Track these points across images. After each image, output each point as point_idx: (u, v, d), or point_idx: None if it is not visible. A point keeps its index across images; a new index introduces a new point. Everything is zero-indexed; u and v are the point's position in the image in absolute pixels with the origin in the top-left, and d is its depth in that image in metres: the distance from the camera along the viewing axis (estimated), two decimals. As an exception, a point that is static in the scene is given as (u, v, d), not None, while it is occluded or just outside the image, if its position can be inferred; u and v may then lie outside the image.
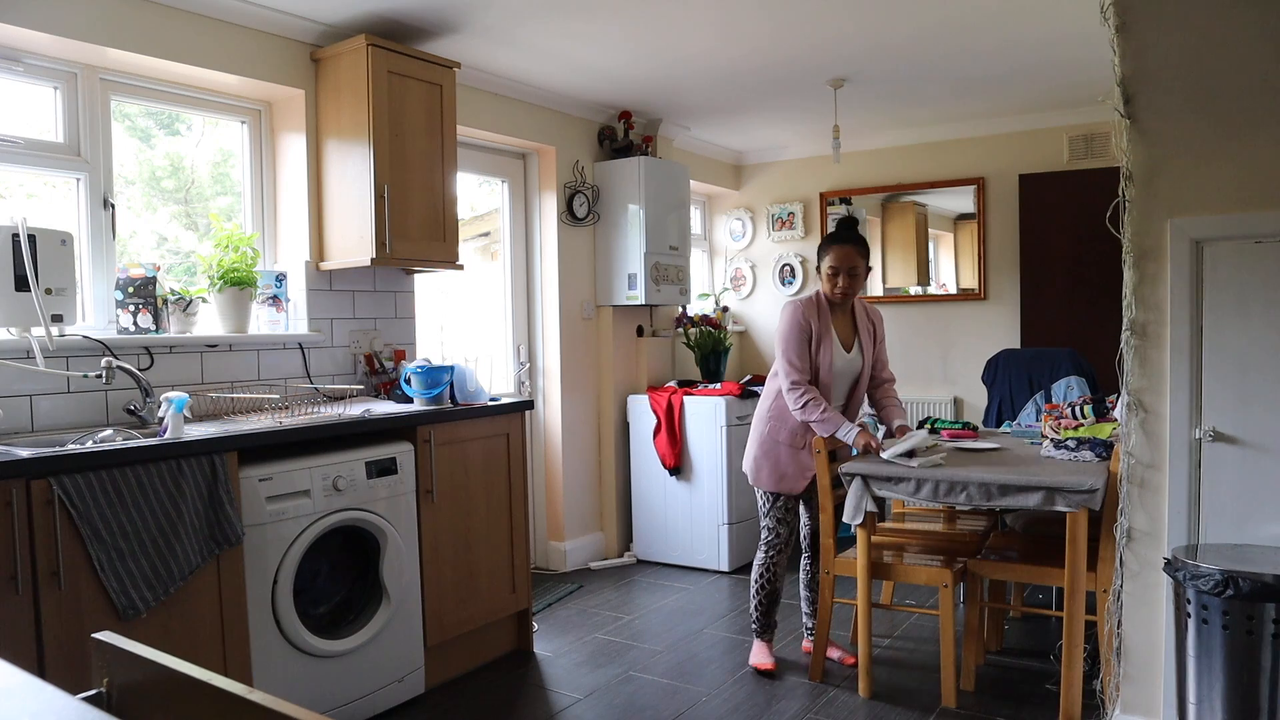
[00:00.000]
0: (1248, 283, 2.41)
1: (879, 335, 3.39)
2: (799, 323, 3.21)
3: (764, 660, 3.37)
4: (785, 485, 3.30)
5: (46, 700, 0.88)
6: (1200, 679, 2.22)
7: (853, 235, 3.22)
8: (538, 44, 3.78)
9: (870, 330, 3.35)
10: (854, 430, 3.13)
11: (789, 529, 3.34)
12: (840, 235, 3.22)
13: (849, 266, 3.17)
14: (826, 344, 3.22)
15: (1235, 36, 2.38)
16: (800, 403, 3.18)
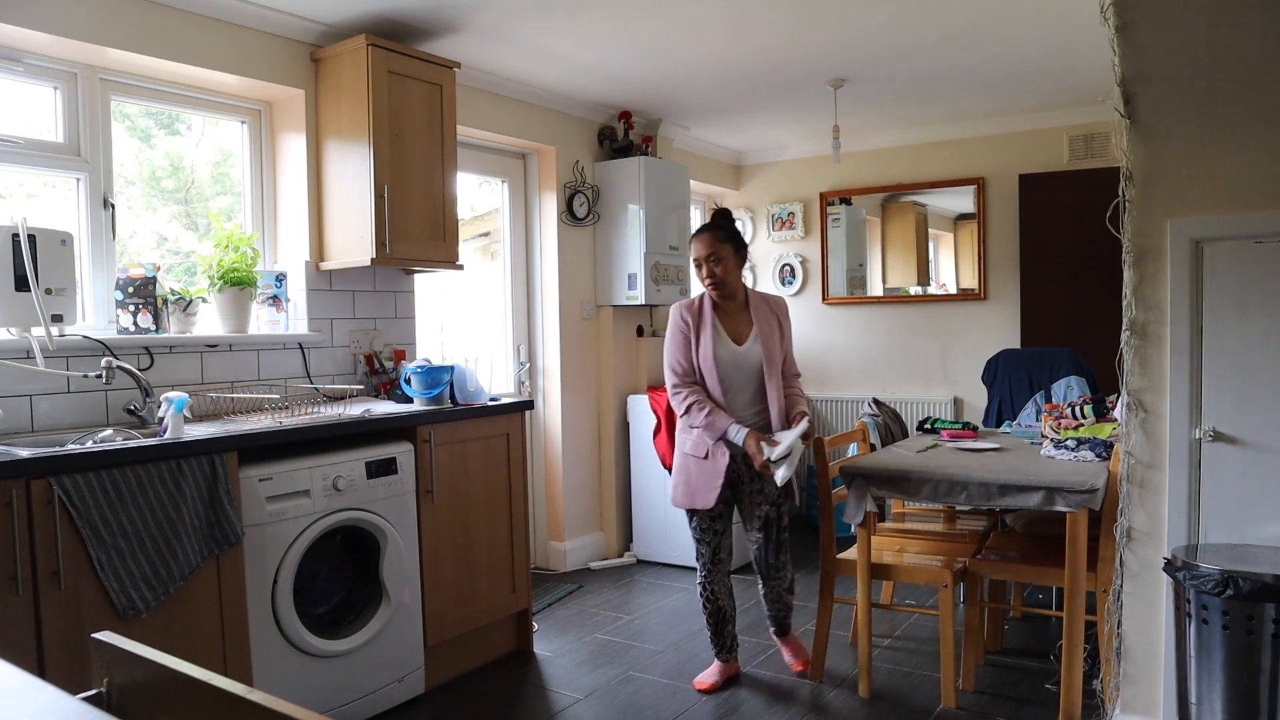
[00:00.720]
0: (1248, 283, 2.41)
1: (783, 327, 3.15)
2: (676, 324, 3.10)
3: (705, 679, 3.21)
4: (697, 500, 3.08)
5: (46, 700, 0.88)
6: (1200, 679, 2.22)
7: (713, 223, 3.09)
8: (538, 44, 3.78)
9: (773, 321, 3.11)
10: (743, 432, 2.96)
11: (710, 548, 3.13)
12: (703, 225, 3.11)
13: (709, 254, 3.02)
14: (707, 341, 3.04)
15: (1235, 37, 2.38)
16: (683, 407, 3.05)
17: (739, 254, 3.08)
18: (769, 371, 3.05)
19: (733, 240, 3.07)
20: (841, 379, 5.95)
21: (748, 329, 3.09)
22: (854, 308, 5.90)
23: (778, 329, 3.12)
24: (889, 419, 3.98)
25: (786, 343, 3.15)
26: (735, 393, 3.06)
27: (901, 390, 5.71)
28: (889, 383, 5.77)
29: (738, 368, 3.05)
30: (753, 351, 3.06)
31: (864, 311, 5.87)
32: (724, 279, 3.04)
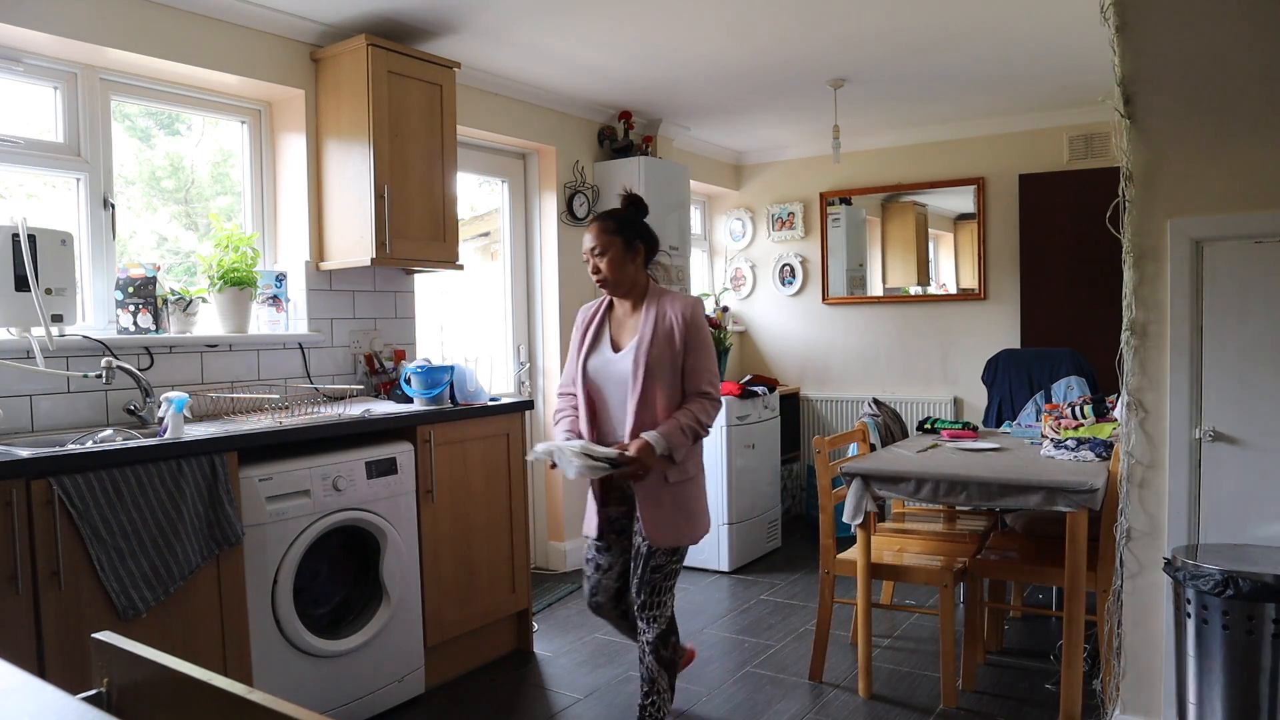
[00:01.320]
0: (1248, 283, 2.41)
1: (681, 338, 2.58)
2: (577, 324, 2.80)
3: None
4: (585, 526, 2.79)
5: (46, 700, 0.88)
6: (1200, 679, 2.22)
7: (605, 212, 2.72)
8: (537, 44, 3.78)
9: (666, 331, 2.59)
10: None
11: (589, 584, 2.78)
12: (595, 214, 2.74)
13: (591, 247, 2.63)
14: (592, 345, 2.71)
15: (1235, 36, 2.38)
16: (555, 418, 2.79)
17: (631, 248, 2.63)
18: (634, 384, 2.56)
19: (624, 232, 2.63)
20: (841, 379, 5.95)
21: (632, 335, 2.65)
22: (854, 308, 5.90)
23: (672, 337, 2.58)
24: (889, 419, 3.98)
25: (694, 355, 2.59)
26: (609, 406, 2.66)
27: (901, 390, 5.71)
28: (889, 383, 5.77)
29: (608, 378, 2.64)
30: (622, 361, 2.61)
31: (864, 311, 5.87)
32: (609, 276, 2.63)
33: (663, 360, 2.58)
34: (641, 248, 2.67)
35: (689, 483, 2.65)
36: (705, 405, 2.59)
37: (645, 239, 2.69)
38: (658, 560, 2.61)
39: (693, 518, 2.65)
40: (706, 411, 2.59)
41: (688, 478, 2.63)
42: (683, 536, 2.63)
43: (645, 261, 2.69)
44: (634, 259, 2.65)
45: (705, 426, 2.59)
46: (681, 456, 2.57)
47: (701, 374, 2.60)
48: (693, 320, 2.61)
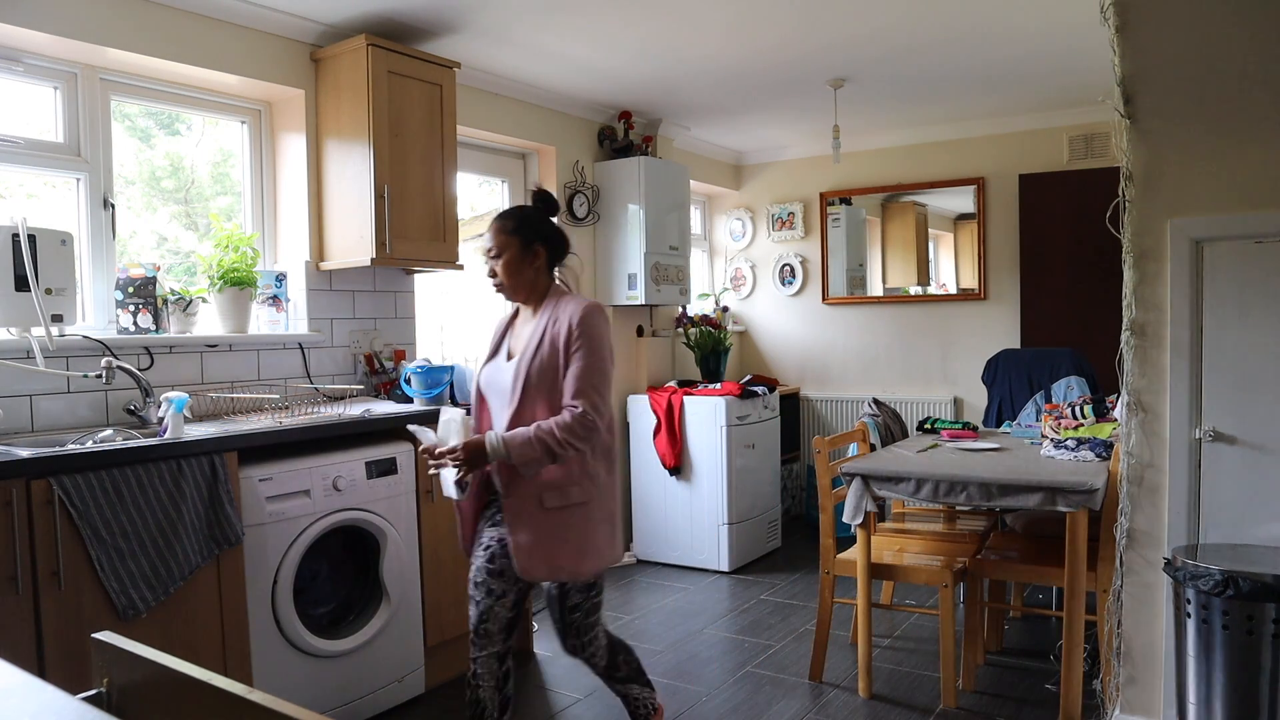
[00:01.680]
0: (1248, 283, 2.41)
1: (565, 343, 2.30)
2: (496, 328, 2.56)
3: None
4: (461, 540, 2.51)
5: (46, 700, 0.89)
6: (1200, 679, 2.22)
7: (505, 211, 2.44)
8: (537, 44, 3.78)
9: (554, 338, 2.32)
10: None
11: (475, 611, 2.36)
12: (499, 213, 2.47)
13: (487, 248, 2.40)
14: (492, 353, 2.50)
15: (1235, 37, 2.38)
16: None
17: (529, 250, 2.38)
18: (511, 397, 2.32)
19: (523, 232, 2.38)
20: (841, 379, 5.95)
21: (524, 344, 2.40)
22: (854, 308, 5.90)
23: (559, 345, 2.31)
24: (889, 419, 3.98)
25: (574, 362, 2.28)
26: (494, 421, 2.42)
27: (901, 390, 5.71)
28: (889, 383, 5.77)
29: (494, 389, 2.41)
30: (507, 371, 2.38)
31: (864, 311, 5.87)
32: (503, 280, 2.39)
33: (546, 371, 2.30)
34: (542, 250, 2.40)
35: (573, 509, 2.30)
36: (570, 420, 2.22)
37: (548, 240, 2.42)
38: (573, 600, 2.38)
39: (576, 549, 2.29)
40: (569, 428, 2.22)
41: (570, 503, 2.29)
42: (560, 569, 2.29)
43: (549, 264, 2.44)
44: (533, 262, 2.39)
45: (564, 443, 2.21)
46: (531, 471, 2.24)
47: (575, 382, 2.26)
48: (582, 325, 2.30)
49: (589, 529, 2.33)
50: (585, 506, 2.33)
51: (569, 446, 2.23)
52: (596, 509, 2.35)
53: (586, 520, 2.33)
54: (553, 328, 2.34)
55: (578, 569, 2.32)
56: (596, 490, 2.35)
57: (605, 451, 2.38)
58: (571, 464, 2.30)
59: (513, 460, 2.22)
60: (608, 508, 2.39)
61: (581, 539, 2.32)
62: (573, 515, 2.30)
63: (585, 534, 2.32)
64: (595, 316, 2.34)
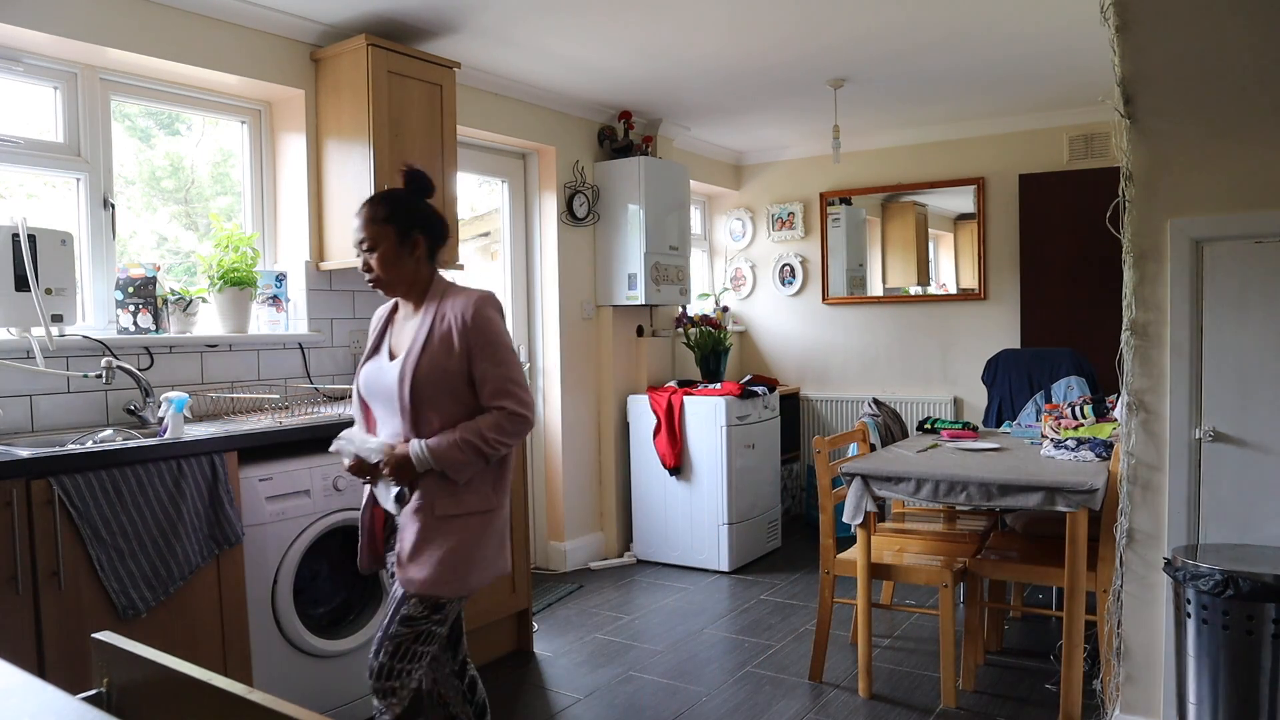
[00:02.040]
0: (1248, 283, 2.41)
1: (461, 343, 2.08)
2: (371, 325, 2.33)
3: None
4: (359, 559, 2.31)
5: (46, 700, 0.89)
6: (1200, 679, 2.22)
7: (374, 195, 2.20)
8: (537, 44, 3.78)
9: (443, 336, 2.09)
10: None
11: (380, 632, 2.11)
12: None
13: (359, 239, 2.13)
14: (372, 351, 2.25)
15: (1235, 36, 2.38)
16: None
17: (407, 239, 2.13)
18: (400, 403, 2.09)
19: (397, 220, 2.12)
20: (841, 379, 5.95)
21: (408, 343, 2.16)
22: (854, 308, 5.90)
23: (450, 344, 2.08)
24: (889, 419, 3.98)
25: (480, 362, 2.08)
26: (382, 425, 2.21)
27: (901, 390, 5.71)
28: (889, 383, 5.78)
29: (377, 392, 2.17)
30: (390, 371, 2.13)
31: (864, 311, 5.87)
32: (380, 275, 2.14)
33: (435, 373, 2.07)
34: (421, 238, 2.14)
35: (467, 519, 2.09)
36: (499, 419, 2.06)
37: (426, 226, 2.16)
38: (411, 609, 2.06)
39: (463, 563, 2.08)
40: (500, 427, 2.05)
41: (465, 512, 2.08)
42: (442, 583, 2.05)
43: (430, 253, 2.18)
44: (412, 252, 2.13)
45: (495, 443, 2.05)
46: (463, 476, 2.06)
47: (492, 382, 2.08)
48: (475, 321, 2.08)
49: (481, 541, 2.12)
50: (482, 516, 2.12)
51: (501, 446, 2.07)
52: (493, 518, 2.15)
53: (481, 531, 2.12)
54: (440, 325, 2.10)
55: (461, 583, 2.08)
56: (496, 498, 2.15)
57: (505, 458, 2.18)
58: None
59: (440, 467, 2.04)
60: (502, 517, 2.18)
61: (470, 550, 2.10)
62: (466, 525, 2.09)
63: (478, 546, 2.11)
64: (487, 310, 2.12)
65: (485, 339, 2.09)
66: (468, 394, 2.11)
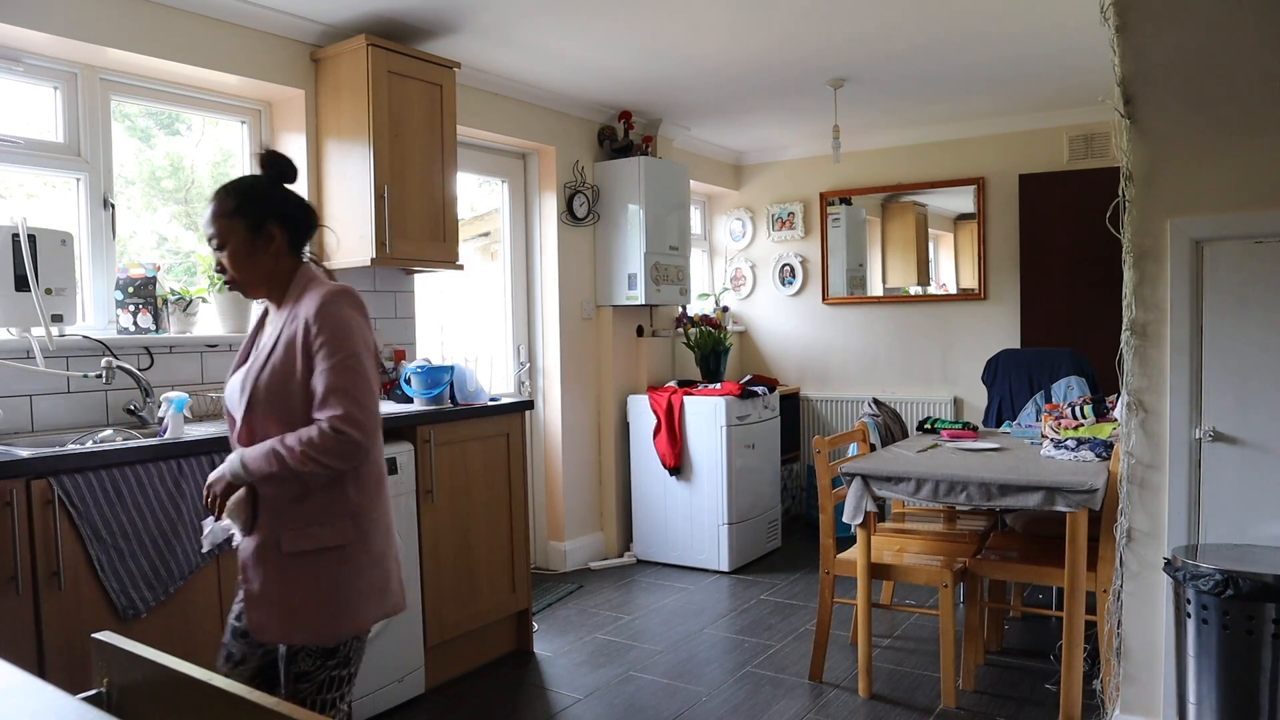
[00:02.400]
0: (1248, 283, 2.41)
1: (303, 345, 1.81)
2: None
3: None
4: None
5: (46, 700, 0.89)
6: (1200, 679, 2.22)
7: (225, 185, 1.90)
8: (537, 44, 3.78)
9: (290, 340, 1.82)
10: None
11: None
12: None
13: (208, 236, 1.88)
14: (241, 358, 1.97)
15: (1235, 36, 2.38)
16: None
17: (260, 232, 1.86)
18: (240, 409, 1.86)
19: (248, 212, 1.85)
20: (841, 379, 5.95)
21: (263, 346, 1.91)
22: (854, 308, 5.90)
23: (296, 348, 1.81)
24: (889, 419, 3.98)
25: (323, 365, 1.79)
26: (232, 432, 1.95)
27: (901, 390, 5.71)
28: (889, 383, 5.78)
29: (230, 403, 1.93)
30: (238, 381, 1.90)
31: (864, 311, 5.87)
32: (235, 275, 1.88)
33: (279, 383, 1.81)
34: (277, 230, 1.87)
35: (322, 556, 1.81)
36: (315, 432, 1.75)
37: (285, 216, 1.89)
38: (302, 666, 1.83)
39: (324, 605, 1.80)
40: (313, 441, 1.74)
41: (317, 547, 1.80)
42: (297, 630, 1.80)
43: (293, 245, 1.91)
44: (267, 246, 1.86)
45: (304, 459, 1.73)
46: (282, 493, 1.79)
47: (320, 388, 1.78)
48: (318, 318, 1.80)
49: (346, 579, 1.82)
50: (341, 551, 1.82)
51: (312, 464, 1.73)
52: (359, 553, 1.84)
53: (341, 568, 1.82)
54: (289, 327, 1.84)
55: (322, 630, 1.81)
56: (357, 530, 1.84)
57: (375, 479, 1.89)
58: (320, 497, 1.81)
59: (251, 479, 1.78)
60: (376, 549, 1.88)
61: (332, 592, 1.81)
62: (321, 562, 1.80)
63: (339, 586, 1.82)
64: (337, 305, 1.83)
65: (326, 335, 1.79)
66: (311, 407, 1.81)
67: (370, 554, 1.87)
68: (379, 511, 1.91)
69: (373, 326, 1.88)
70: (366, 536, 1.86)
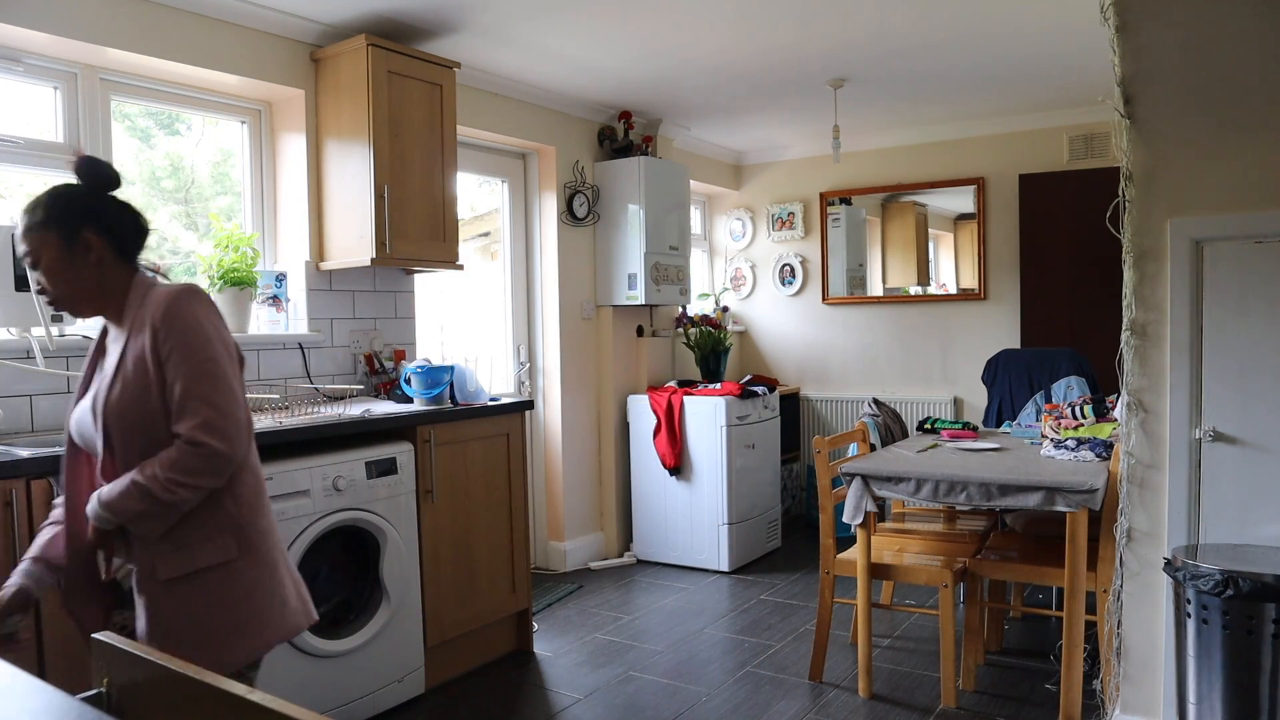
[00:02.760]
0: (1248, 283, 2.41)
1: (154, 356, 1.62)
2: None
3: None
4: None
5: (46, 700, 0.89)
6: (1200, 679, 2.22)
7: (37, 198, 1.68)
8: (537, 43, 3.78)
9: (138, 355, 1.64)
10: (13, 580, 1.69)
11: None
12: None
13: (22, 253, 1.69)
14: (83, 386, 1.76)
15: (1235, 36, 2.38)
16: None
17: (75, 241, 1.65)
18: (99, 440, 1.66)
19: (59, 223, 1.65)
20: (841, 379, 5.95)
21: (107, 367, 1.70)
22: (854, 308, 5.90)
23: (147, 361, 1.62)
24: (889, 419, 3.98)
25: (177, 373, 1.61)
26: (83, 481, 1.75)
27: (901, 390, 5.71)
28: (889, 383, 5.77)
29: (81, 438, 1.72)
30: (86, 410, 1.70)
31: (864, 311, 5.87)
32: (55, 293, 1.68)
33: (135, 404, 1.62)
34: (96, 239, 1.67)
35: (207, 576, 1.65)
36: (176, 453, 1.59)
37: (101, 224, 1.68)
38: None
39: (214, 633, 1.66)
40: (176, 463, 1.58)
41: (198, 568, 1.64)
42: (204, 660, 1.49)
43: (120, 255, 1.72)
44: (85, 257, 1.66)
45: (172, 485, 1.57)
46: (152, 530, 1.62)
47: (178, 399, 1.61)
48: (164, 321, 1.63)
49: (240, 596, 1.68)
50: (223, 570, 1.67)
51: (181, 489, 1.58)
52: (246, 568, 1.69)
53: (232, 586, 1.67)
54: (136, 340, 1.65)
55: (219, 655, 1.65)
56: (240, 544, 1.69)
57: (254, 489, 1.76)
58: (195, 513, 1.65)
59: (119, 520, 1.61)
60: (268, 559, 1.74)
61: (230, 613, 1.67)
62: (207, 585, 1.65)
63: (235, 605, 1.68)
64: (184, 305, 1.65)
65: (177, 343, 1.62)
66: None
67: (260, 568, 1.72)
68: (265, 523, 1.77)
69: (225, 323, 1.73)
70: (253, 549, 1.71)
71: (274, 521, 1.82)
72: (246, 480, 1.74)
